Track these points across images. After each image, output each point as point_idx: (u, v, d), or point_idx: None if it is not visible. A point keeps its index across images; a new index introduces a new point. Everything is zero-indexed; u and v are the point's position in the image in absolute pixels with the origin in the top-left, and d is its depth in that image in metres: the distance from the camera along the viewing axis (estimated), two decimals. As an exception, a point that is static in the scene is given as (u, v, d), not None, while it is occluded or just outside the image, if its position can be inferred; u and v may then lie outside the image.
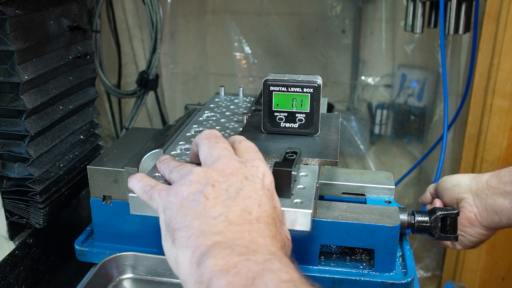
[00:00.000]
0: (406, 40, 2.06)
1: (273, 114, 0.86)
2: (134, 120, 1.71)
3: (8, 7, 0.84)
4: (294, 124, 0.86)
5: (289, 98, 0.84)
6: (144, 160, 0.85)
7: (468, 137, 1.72)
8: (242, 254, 0.50)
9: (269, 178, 0.62)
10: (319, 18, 2.14)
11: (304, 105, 0.84)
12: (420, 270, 2.14)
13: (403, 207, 0.91)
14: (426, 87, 2.09)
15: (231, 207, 0.55)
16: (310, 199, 0.67)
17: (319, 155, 0.80)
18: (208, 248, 0.51)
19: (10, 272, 0.95)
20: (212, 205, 0.56)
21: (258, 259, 0.49)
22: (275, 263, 0.49)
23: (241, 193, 0.57)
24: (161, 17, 1.50)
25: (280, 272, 0.48)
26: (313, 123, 0.85)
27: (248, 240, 0.52)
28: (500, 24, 1.54)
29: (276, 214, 0.60)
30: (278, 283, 0.46)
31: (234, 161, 0.61)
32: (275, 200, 0.61)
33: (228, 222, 0.54)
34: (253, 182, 0.59)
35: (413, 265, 0.86)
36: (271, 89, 0.84)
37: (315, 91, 0.82)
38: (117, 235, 0.93)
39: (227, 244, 0.51)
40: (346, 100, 2.23)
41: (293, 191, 0.69)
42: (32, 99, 0.90)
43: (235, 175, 0.59)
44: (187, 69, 2.25)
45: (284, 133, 0.87)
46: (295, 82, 0.83)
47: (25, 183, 0.92)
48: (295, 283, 0.47)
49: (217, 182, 0.58)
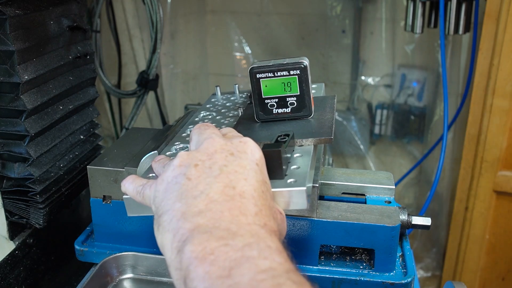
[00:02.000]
0: (406, 40, 2.06)
1: (263, 101, 0.84)
2: (134, 120, 1.71)
3: (8, 7, 0.84)
4: (286, 109, 0.84)
5: (277, 83, 0.82)
6: (142, 163, 0.85)
7: (468, 137, 1.72)
8: (221, 238, 0.48)
9: (258, 153, 0.59)
10: (319, 18, 2.14)
11: (294, 87, 0.82)
12: (420, 270, 2.14)
13: (403, 207, 0.91)
14: (426, 87, 2.09)
15: (213, 184, 0.53)
16: (304, 177, 0.65)
17: (313, 135, 0.78)
18: (188, 232, 0.49)
19: (10, 272, 0.95)
20: (194, 185, 0.54)
21: (237, 244, 0.47)
22: (254, 248, 0.47)
23: (225, 169, 0.55)
24: (161, 17, 1.50)
25: (258, 260, 0.46)
26: (305, 105, 0.84)
27: (229, 220, 0.50)
28: (500, 24, 1.54)
29: (266, 187, 0.57)
30: (254, 274, 0.44)
31: (219, 139, 0.60)
32: (264, 175, 0.59)
33: (209, 200, 0.52)
34: (239, 157, 0.57)
35: (413, 265, 0.86)
36: (258, 76, 0.82)
37: (302, 72, 0.81)
38: (117, 235, 0.93)
39: (207, 228, 0.49)
40: (346, 100, 2.23)
41: (287, 172, 0.67)
42: (32, 99, 0.90)
43: (220, 153, 0.57)
44: (187, 69, 2.25)
45: (278, 120, 0.85)
46: (281, 66, 0.81)
47: (25, 183, 0.92)
48: (273, 272, 0.44)
49: (200, 161, 0.56)
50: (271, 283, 0.43)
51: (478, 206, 1.73)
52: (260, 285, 0.42)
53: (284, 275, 0.44)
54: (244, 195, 0.53)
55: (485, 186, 1.69)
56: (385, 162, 2.26)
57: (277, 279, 0.43)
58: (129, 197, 0.66)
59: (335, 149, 2.24)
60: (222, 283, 0.44)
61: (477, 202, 1.72)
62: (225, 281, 0.44)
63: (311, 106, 0.84)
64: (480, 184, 1.70)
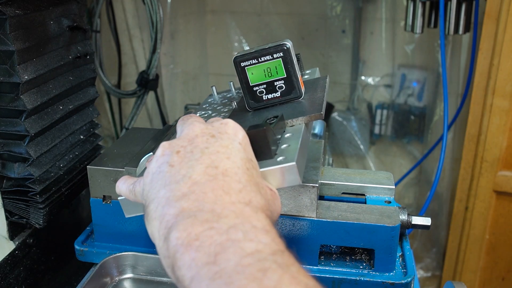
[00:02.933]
0: (406, 40, 2.06)
1: (252, 89, 0.83)
2: (134, 120, 1.71)
3: (8, 7, 0.84)
4: (276, 93, 0.83)
5: (263, 68, 0.81)
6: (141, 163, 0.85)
7: (468, 137, 1.72)
8: (206, 221, 0.47)
9: (240, 133, 0.58)
10: (319, 18, 2.14)
11: (280, 71, 0.81)
12: (420, 270, 2.14)
13: (403, 207, 0.91)
14: (426, 87, 2.09)
15: (195, 167, 0.53)
16: (293, 153, 0.64)
17: (303, 114, 0.78)
18: (173, 218, 0.49)
19: (10, 272, 0.95)
20: (177, 170, 0.53)
21: (222, 226, 0.46)
22: (239, 229, 0.46)
23: (206, 151, 0.55)
24: (161, 17, 1.50)
25: (244, 242, 0.45)
26: (294, 87, 0.82)
27: (213, 200, 0.49)
28: (500, 24, 1.54)
29: (252, 165, 0.56)
30: (240, 258, 0.43)
31: (199, 124, 0.59)
32: (249, 153, 0.58)
33: (192, 182, 0.51)
34: (220, 138, 0.56)
35: (413, 265, 0.86)
36: (243, 65, 0.82)
37: (285, 54, 0.80)
38: (117, 235, 0.93)
39: (191, 211, 0.49)
40: (346, 100, 2.23)
41: (277, 152, 0.66)
42: (32, 99, 0.90)
43: (201, 136, 0.57)
44: (187, 69, 2.25)
45: (270, 106, 0.85)
46: (264, 51, 0.80)
47: (25, 183, 0.92)
48: (259, 256, 0.44)
49: (182, 148, 0.56)
50: (256, 267, 0.42)
51: (478, 206, 1.73)
52: (245, 270, 0.42)
53: (270, 257, 0.44)
54: (227, 173, 0.52)
55: (485, 186, 1.69)
56: (385, 162, 2.26)
57: (262, 263, 0.43)
58: (124, 198, 0.66)
59: (335, 149, 2.24)
60: (209, 270, 0.43)
61: (477, 202, 1.72)
62: (211, 268, 0.43)
63: (301, 87, 0.83)
64: (480, 184, 1.70)
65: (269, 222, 0.50)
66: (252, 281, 0.41)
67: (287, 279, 0.42)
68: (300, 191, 0.83)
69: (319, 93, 0.86)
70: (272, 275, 0.42)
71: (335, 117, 2.18)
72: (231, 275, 0.42)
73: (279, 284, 0.41)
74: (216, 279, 0.42)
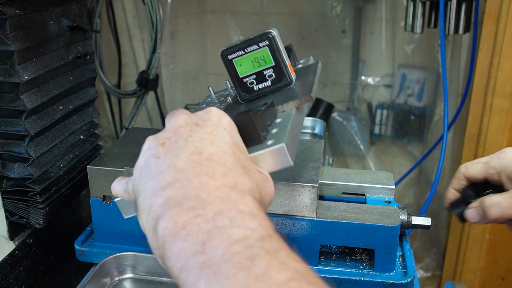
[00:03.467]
0: (406, 40, 2.06)
1: (242, 81, 0.83)
2: (134, 120, 1.71)
3: (8, 7, 0.84)
4: (266, 82, 0.82)
5: (250, 59, 0.80)
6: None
7: (468, 137, 1.72)
8: (192, 208, 0.47)
9: (225, 119, 0.58)
10: (319, 18, 2.14)
11: (267, 59, 0.80)
12: (420, 270, 2.14)
13: (403, 207, 0.91)
14: (426, 87, 2.09)
15: (179, 155, 0.52)
16: (282, 135, 0.64)
17: (293, 98, 0.77)
18: (159, 208, 0.49)
19: (10, 272, 0.95)
20: (162, 161, 0.53)
21: (207, 213, 0.46)
22: (225, 216, 0.46)
23: (190, 139, 0.54)
24: (161, 17, 1.50)
25: (231, 229, 0.45)
26: (283, 74, 0.81)
27: (197, 186, 0.49)
28: (500, 24, 1.54)
29: (238, 149, 0.56)
30: (228, 246, 0.43)
31: (183, 115, 0.59)
32: (235, 138, 0.57)
33: (176, 170, 0.51)
34: (204, 126, 0.56)
35: (413, 265, 0.86)
36: (230, 58, 0.81)
37: (271, 41, 0.79)
38: (117, 235, 0.93)
39: (177, 200, 0.48)
40: (346, 100, 2.23)
41: (268, 137, 0.66)
42: (32, 99, 0.90)
43: (185, 126, 0.57)
44: (187, 69, 2.25)
45: (262, 95, 0.84)
46: (249, 41, 0.79)
47: (25, 183, 0.92)
48: (246, 242, 0.43)
49: (166, 139, 0.56)
50: (244, 255, 0.42)
51: (478, 206, 1.72)
52: (233, 258, 0.42)
53: (258, 244, 0.43)
54: (211, 158, 0.52)
55: (485, 186, 1.69)
56: (385, 162, 2.26)
57: (250, 250, 0.43)
58: (121, 199, 0.66)
59: (335, 149, 2.24)
60: (197, 260, 0.43)
61: (477, 202, 1.72)
62: (199, 258, 0.43)
63: (291, 74, 0.82)
64: (480, 184, 1.70)
65: (257, 205, 0.49)
66: (241, 270, 0.41)
67: (276, 265, 0.41)
68: (300, 191, 0.83)
69: (310, 78, 0.85)
70: (260, 262, 0.41)
71: (335, 117, 2.18)
72: (219, 264, 0.42)
73: (267, 271, 0.41)
74: (205, 269, 0.42)
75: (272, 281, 0.40)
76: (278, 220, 0.84)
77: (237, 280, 0.40)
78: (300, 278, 0.41)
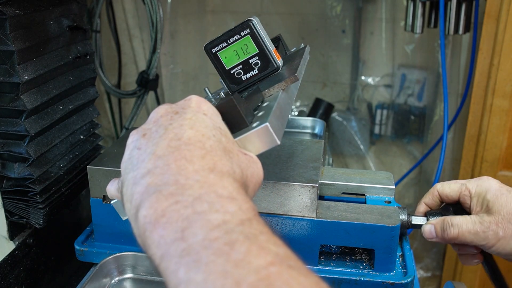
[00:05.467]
0: (406, 40, 2.06)
1: (229, 73, 0.82)
2: (134, 120, 1.71)
3: (8, 7, 0.84)
4: (253, 71, 0.81)
5: (234, 49, 0.80)
6: None
7: (468, 137, 1.72)
8: (171, 195, 0.47)
9: (205, 105, 0.58)
10: (319, 18, 2.14)
11: (250, 47, 0.79)
12: (420, 270, 2.14)
13: (403, 207, 0.91)
14: (426, 87, 2.09)
15: (159, 143, 0.53)
16: (267, 115, 0.63)
17: (279, 81, 0.77)
18: (140, 196, 0.49)
19: (10, 272, 0.95)
20: (143, 151, 0.54)
21: (187, 199, 0.46)
22: (204, 200, 0.46)
23: (170, 127, 0.54)
24: (161, 17, 1.50)
25: (210, 214, 0.44)
26: (269, 60, 0.80)
27: (176, 171, 0.49)
28: (500, 24, 1.54)
29: (220, 132, 0.56)
30: (207, 232, 0.43)
31: (164, 106, 0.59)
32: (216, 122, 0.57)
33: (156, 157, 0.51)
34: (184, 113, 0.56)
35: (413, 265, 0.86)
36: (214, 51, 0.81)
37: (252, 29, 0.79)
38: (117, 235, 0.93)
39: (156, 186, 0.48)
40: (346, 100, 2.23)
41: (254, 120, 0.66)
42: (32, 99, 0.90)
43: (165, 116, 0.57)
44: (187, 69, 2.25)
45: (251, 84, 0.83)
46: (230, 32, 0.79)
47: (25, 183, 0.92)
48: (226, 227, 0.43)
49: (147, 130, 0.56)
50: (223, 241, 0.42)
51: (478, 206, 1.72)
52: (213, 245, 0.42)
53: (237, 228, 0.43)
54: (189, 142, 0.52)
55: (485, 186, 1.69)
56: (385, 162, 2.26)
57: (229, 235, 0.42)
58: (117, 200, 0.66)
59: (335, 149, 2.24)
60: (177, 247, 0.43)
61: (477, 202, 1.72)
62: (179, 245, 0.43)
63: (276, 59, 0.81)
64: (480, 184, 1.70)
65: (237, 187, 0.49)
66: (220, 256, 0.41)
67: (255, 250, 0.41)
68: (300, 191, 0.83)
69: (297, 61, 0.85)
70: (239, 248, 0.41)
71: (335, 117, 2.18)
72: (199, 251, 0.42)
73: (247, 257, 0.40)
74: (184, 256, 0.42)
75: (251, 266, 0.40)
76: (278, 220, 0.84)
77: (216, 266, 0.40)
78: (280, 262, 0.41)
